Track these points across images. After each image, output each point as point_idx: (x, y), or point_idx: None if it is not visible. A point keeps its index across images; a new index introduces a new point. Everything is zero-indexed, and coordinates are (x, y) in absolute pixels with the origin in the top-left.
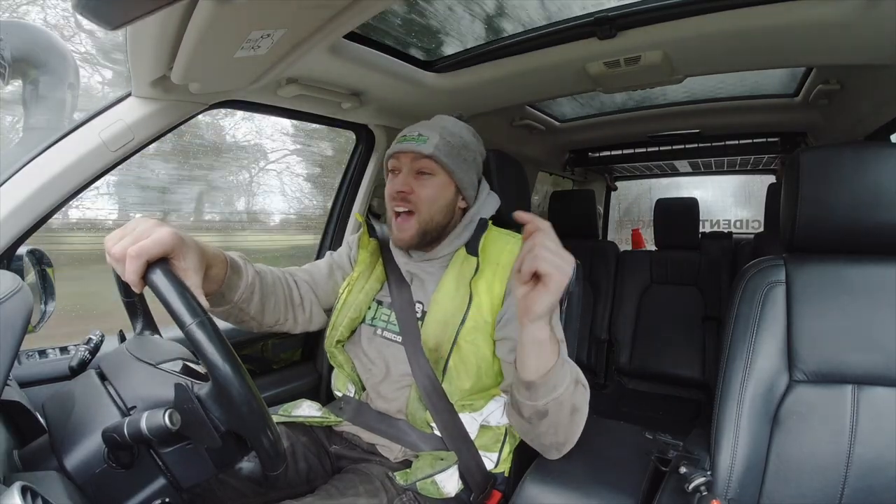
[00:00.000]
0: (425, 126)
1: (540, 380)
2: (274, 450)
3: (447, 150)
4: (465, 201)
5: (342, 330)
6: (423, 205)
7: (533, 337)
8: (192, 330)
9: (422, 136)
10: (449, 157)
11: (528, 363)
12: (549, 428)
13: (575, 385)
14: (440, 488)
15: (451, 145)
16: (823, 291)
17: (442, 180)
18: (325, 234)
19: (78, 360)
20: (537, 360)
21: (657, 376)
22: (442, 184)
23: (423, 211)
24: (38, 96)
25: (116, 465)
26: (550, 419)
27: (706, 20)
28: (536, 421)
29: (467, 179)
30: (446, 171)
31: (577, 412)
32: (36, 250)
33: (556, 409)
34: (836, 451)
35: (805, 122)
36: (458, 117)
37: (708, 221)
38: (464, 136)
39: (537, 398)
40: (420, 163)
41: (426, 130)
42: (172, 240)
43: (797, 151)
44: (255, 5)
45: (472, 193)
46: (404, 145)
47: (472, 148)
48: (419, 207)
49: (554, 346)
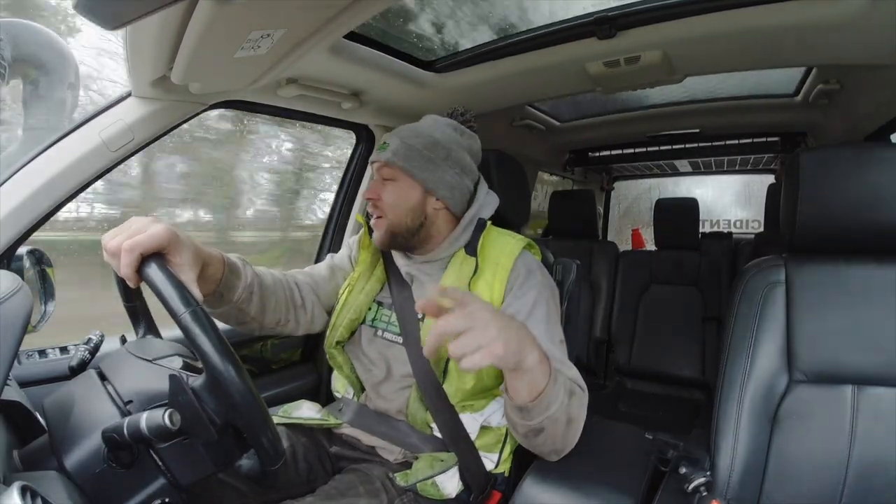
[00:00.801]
0: (395, 133)
1: (532, 403)
2: (272, 445)
3: (405, 152)
4: (441, 201)
5: (341, 331)
6: (389, 209)
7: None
8: (185, 320)
9: (385, 143)
10: (407, 160)
11: (519, 389)
12: (546, 441)
13: (570, 398)
14: (440, 489)
15: (410, 147)
16: (823, 291)
17: (404, 184)
18: (325, 235)
19: (78, 360)
20: (528, 385)
21: (657, 376)
22: (403, 187)
23: (390, 215)
24: (38, 96)
25: (116, 465)
26: (546, 434)
27: (706, 20)
28: (532, 437)
29: (436, 178)
30: (408, 175)
31: (572, 422)
32: (36, 250)
33: (552, 424)
34: (836, 451)
35: (805, 122)
36: (459, 114)
37: (708, 221)
38: (435, 135)
39: (531, 419)
40: (383, 170)
41: (390, 137)
42: (167, 235)
43: (797, 151)
44: (255, 5)
45: (449, 193)
46: (374, 154)
47: (444, 145)
48: (385, 212)
49: (544, 368)
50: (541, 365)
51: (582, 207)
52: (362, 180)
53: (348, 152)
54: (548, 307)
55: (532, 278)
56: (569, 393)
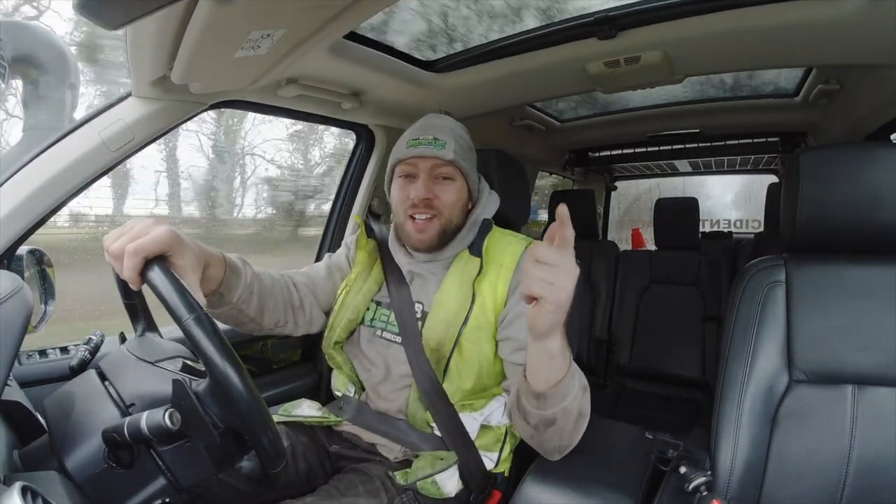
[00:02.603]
0: (437, 129)
1: (550, 391)
2: (273, 448)
3: (463, 154)
4: (472, 201)
5: (339, 332)
6: (446, 209)
7: (543, 349)
8: (189, 325)
9: (438, 140)
10: (465, 160)
11: (539, 374)
12: (555, 434)
13: (583, 392)
14: (440, 488)
15: (464, 149)
16: (823, 291)
17: (461, 184)
18: (325, 234)
19: (78, 360)
20: (548, 372)
21: (657, 376)
22: (461, 188)
23: (446, 214)
24: (38, 96)
25: (116, 465)
26: (557, 426)
27: (706, 20)
28: (543, 429)
29: (476, 179)
30: (463, 175)
31: (582, 418)
32: (36, 250)
33: (564, 417)
34: (836, 451)
35: (805, 122)
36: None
37: (708, 221)
38: (466, 136)
39: (546, 408)
40: (441, 168)
41: (440, 134)
42: (170, 238)
43: (797, 151)
44: (255, 5)
45: (477, 193)
46: (422, 150)
47: (473, 147)
48: (442, 212)
49: (566, 357)
50: (563, 353)
51: (582, 207)
52: (363, 180)
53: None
54: None
55: None
56: (583, 388)
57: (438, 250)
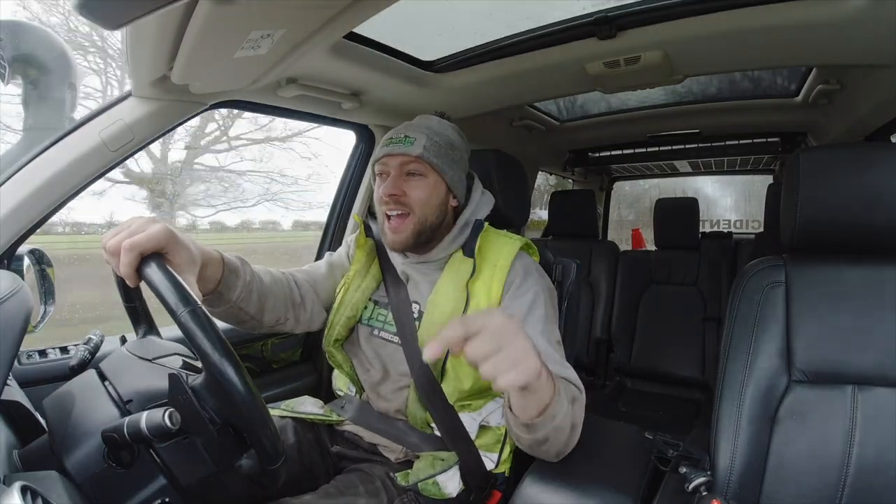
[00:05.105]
0: (411, 127)
1: (538, 419)
2: (271, 443)
3: (435, 150)
4: (456, 200)
5: (339, 329)
6: (417, 206)
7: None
8: (184, 318)
9: (408, 137)
10: (437, 156)
11: (526, 407)
12: (551, 447)
13: (572, 405)
14: (441, 489)
15: (438, 145)
16: (823, 292)
17: (433, 180)
18: (325, 234)
19: (78, 360)
20: (536, 402)
21: (657, 376)
22: (433, 184)
23: (418, 212)
24: (38, 96)
25: (116, 465)
26: (550, 442)
27: (706, 20)
28: (537, 446)
29: (457, 178)
30: (436, 171)
31: (576, 427)
32: (36, 250)
33: (556, 434)
34: (836, 451)
35: (805, 122)
36: (441, 115)
37: (708, 221)
38: (449, 134)
39: (536, 432)
40: (410, 165)
41: (412, 132)
42: (166, 235)
43: (797, 152)
44: (255, 5)
45: (463, 191)
46: (391, 148)
47: (457, 146)
48: (413, 209)
49: (549, 383)
50: (547, 380)
51: (582, 207)
52: (362, 180)
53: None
54: (545, 308)
55: (530, 279)
56: (571, 399)
57: (419, 251)
